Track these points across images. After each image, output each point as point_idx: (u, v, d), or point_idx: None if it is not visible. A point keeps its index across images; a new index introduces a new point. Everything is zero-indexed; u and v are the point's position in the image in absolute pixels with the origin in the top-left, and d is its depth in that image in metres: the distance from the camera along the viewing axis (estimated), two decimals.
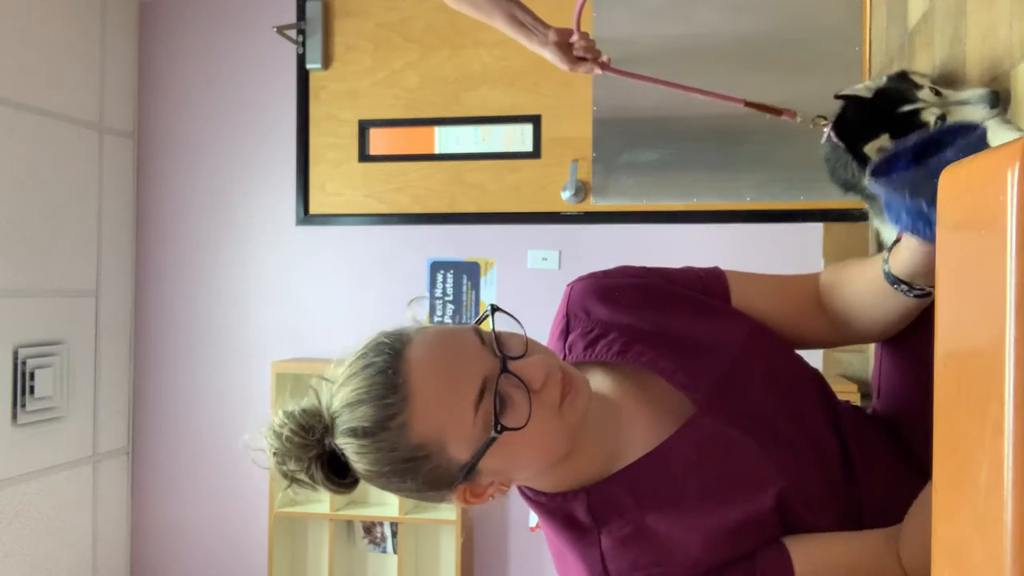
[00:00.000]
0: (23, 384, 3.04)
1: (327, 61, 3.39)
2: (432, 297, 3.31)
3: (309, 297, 3.43)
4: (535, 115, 3.24)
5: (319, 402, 0.90)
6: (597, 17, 3.15)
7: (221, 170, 3.53)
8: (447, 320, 3.29)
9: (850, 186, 1.59)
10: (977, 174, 0.56)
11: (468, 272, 3.30)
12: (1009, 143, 0.51)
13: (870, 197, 1.72)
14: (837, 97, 1.51)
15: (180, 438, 3.54)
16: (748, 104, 1.68)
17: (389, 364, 0.84)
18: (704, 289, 1.06)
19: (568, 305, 1.04)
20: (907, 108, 1.36)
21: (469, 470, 0.85)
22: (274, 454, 0.89)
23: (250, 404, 3.41)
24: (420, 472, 0.85)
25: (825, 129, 1.53)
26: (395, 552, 3.24)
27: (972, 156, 0.60)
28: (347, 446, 0.86)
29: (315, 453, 0.88)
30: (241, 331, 3.49)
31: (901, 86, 1.41)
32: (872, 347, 1.26)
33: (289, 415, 0.89)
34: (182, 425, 3.53)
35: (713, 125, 3.06)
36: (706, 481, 0.90)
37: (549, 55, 1.75)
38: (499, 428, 0.82)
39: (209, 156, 3.55)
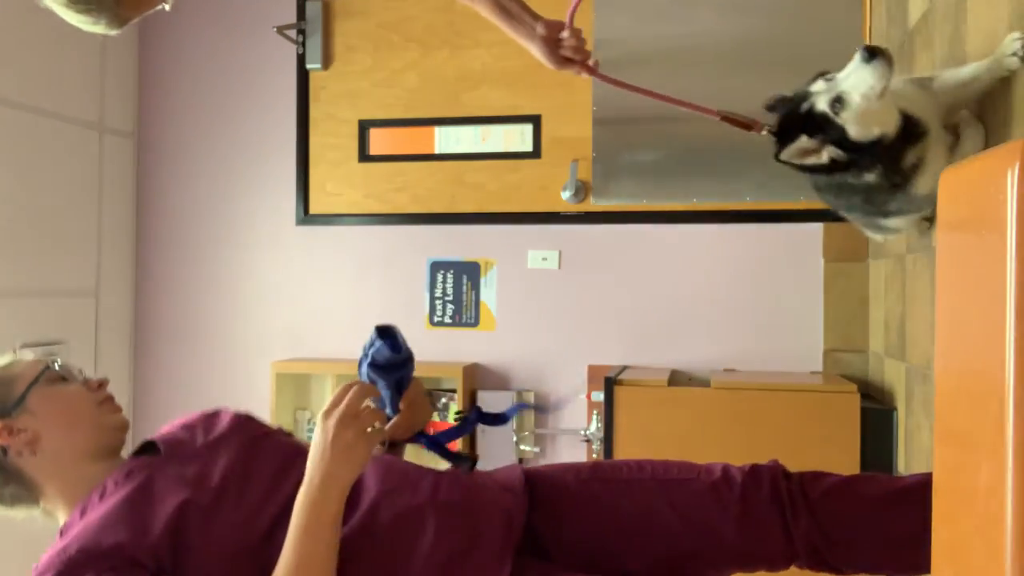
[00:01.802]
0: None
1: (327, 61, 3.39)
2: (432, 297, 3.31)
3: (309, 297, 3.43)
4: (535, 115, 3.23)
5: None
6: (597, 17, 3.15)
7: (221, 170, 3.53)
8: (447, 320, 3.28)
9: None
10: (977, 174, 0.55)
11: (468, 272, 3.30)
12: (1009, 143, 0.51)
13: (818, 190, 1.78)
14: (769, 109, 1.63)
15: None
16: (724, 118, 1.72)
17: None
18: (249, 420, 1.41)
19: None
20: (806, 105, 1.50)
21: (20, 400, 1.22)
22: None
23: (250, 404, 3.39)
24: None
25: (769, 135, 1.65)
26: None
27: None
28: None
29: None
30: (241, 331, 3.49)
31: (809, 86, 1.56)
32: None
33: None
34: None
35: (713, 125, 3.05)
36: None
37: (535, 50, 1.61)
38: (54, 362, 1.27)
39: (209, 156, 3.54)
